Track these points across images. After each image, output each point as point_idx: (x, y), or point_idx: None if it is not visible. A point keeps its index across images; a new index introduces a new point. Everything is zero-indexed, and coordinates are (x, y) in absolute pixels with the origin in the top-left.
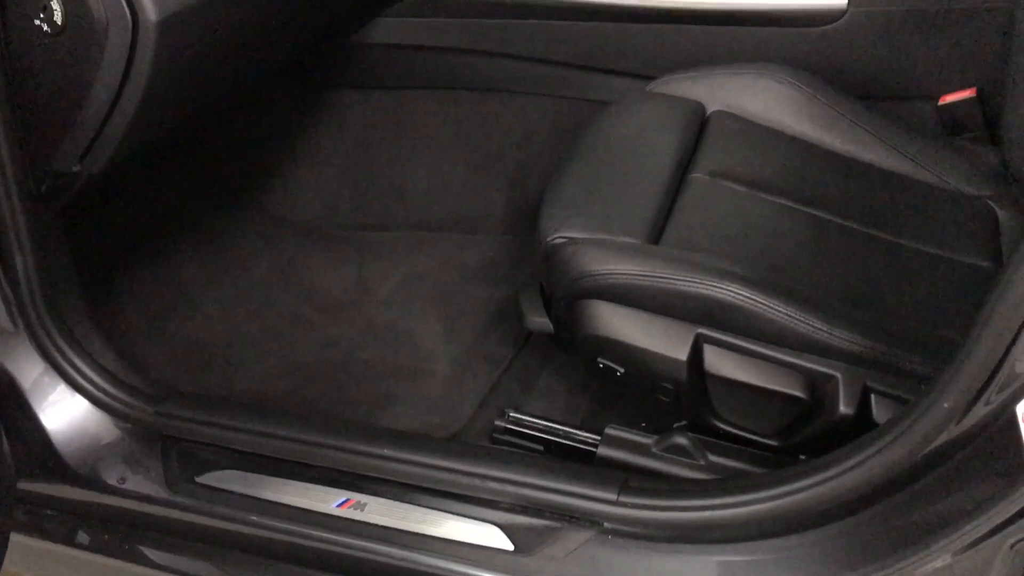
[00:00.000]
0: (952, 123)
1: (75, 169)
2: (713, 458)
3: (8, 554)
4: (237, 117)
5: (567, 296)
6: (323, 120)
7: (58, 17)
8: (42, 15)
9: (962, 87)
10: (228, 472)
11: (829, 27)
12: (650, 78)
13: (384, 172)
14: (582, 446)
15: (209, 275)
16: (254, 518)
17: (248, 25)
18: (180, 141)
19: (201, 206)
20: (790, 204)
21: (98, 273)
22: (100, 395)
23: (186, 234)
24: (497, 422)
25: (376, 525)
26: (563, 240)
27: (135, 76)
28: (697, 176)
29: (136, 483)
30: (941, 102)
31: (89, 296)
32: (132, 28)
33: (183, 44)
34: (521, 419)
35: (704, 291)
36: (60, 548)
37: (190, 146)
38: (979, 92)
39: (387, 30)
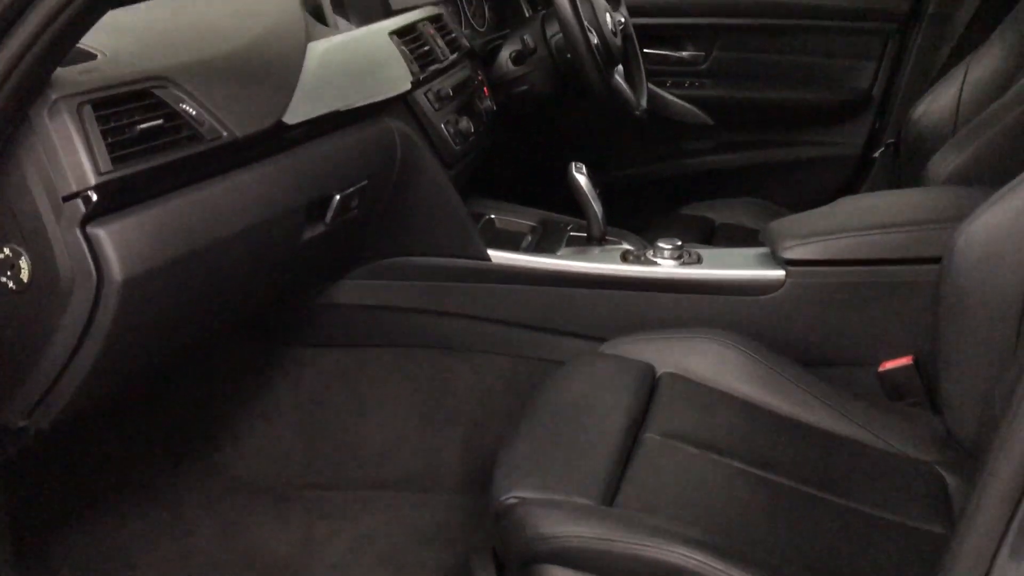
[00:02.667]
0: (893, 389)
1: (21, 424)
2: None
3: None
4: (191, 372)
5: (520, 560)
6: (278, 377)
7: (25, 275)
8: (9, 273)
9: (900, 354)
10: None
11: (769, 296)
12: (601, 340)
13: (337, 429)
14: None
15: (150, 536)
16: None
17: (210, 287)
18: (130, 395)
19: (148, 462)
20: (743, 467)
21: (32, 530)
22: None
23: (129, 490)
24: None
25: None
26: (515, 500)
27: (94, 333)
28: (650, 436)
29: None
30: (881, 369)
31: (19, 557)
32: (96, 286)
33: (145, 303)
34: None
35: (661, 556)
36: None
37: (140, 400)
38: (916, 360)
39: (346, 291)
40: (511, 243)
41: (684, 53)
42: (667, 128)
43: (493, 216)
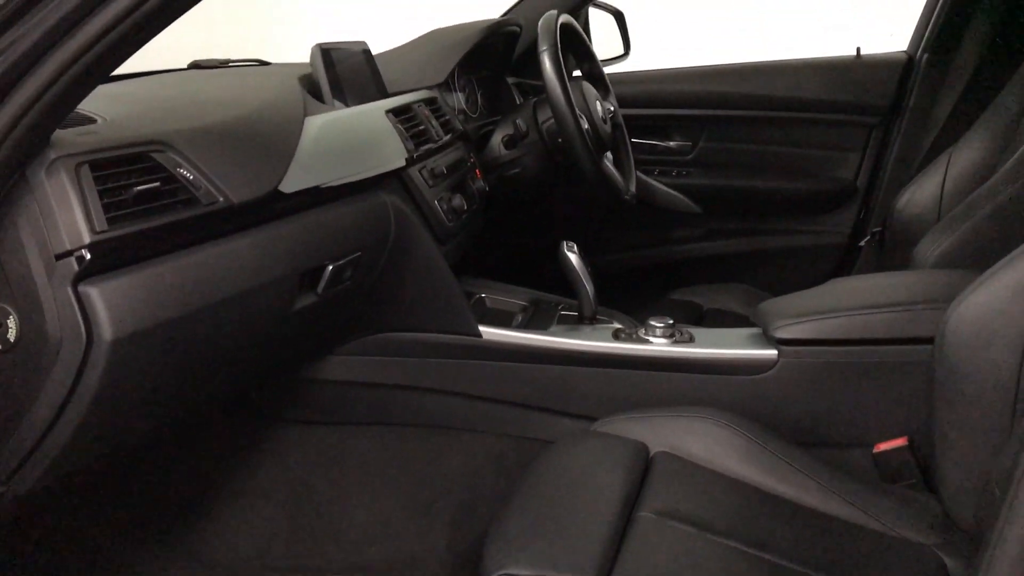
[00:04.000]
0: (888, 471)
1: None
2: None
3: None
4: (171, 448)
5: None
6: (262, 456)
7: (12, 334)
8: None
9: (895, 435)
10: None
11: (762, 376)
12: (593, 418)
13: (322, 510)
14: None
15: None
16: None
17: (200, 353)
18: (110, 468)
19: (123, 541)
20: (740, 548)
21: None
22: None
23: (103, 570)
24: None
25: None
26: None
27: (80, 395)
28: (645, 515)
29: None
30: (876, 450)
31: None
32: (85, 346)
33: (133, 366)
34: None
35: None
36: None
37: (118, 475)
38: (911, 441)
39: (333, 366)
40: (502, 322)
41: (672, 143)
42: (656, 215)
43: (484, 295)
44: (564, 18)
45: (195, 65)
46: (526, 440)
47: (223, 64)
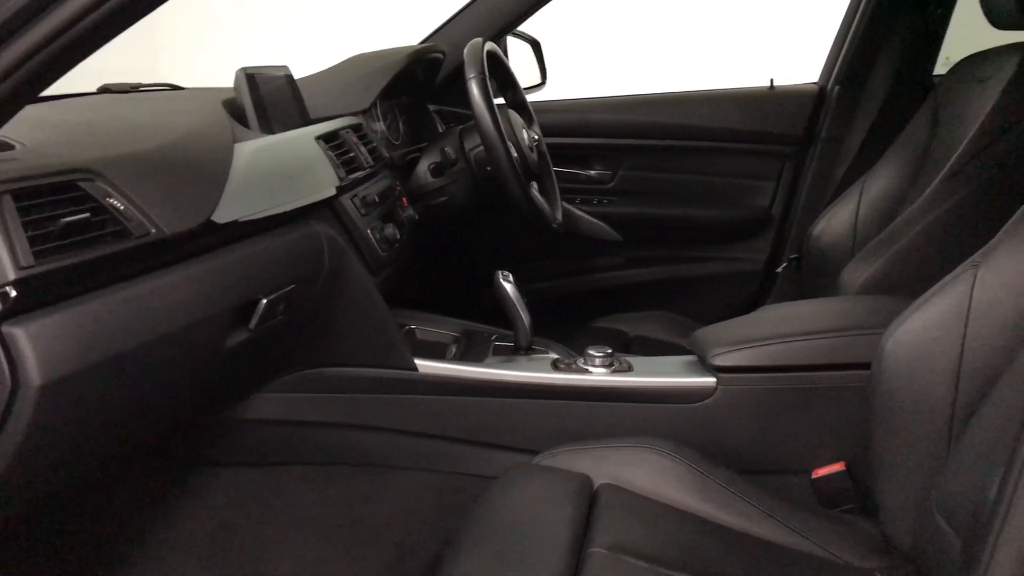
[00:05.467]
0: (827, 496)
1: None
2: None
3: None
4: (86, 494)
5: None
6: (182, 502)
7: None
8: None
9: (833, 460)
10: None
11: (701, 404)
12: (533, 452)
13: (247, 558)
14: None
15: None
16: None
17: (131, 396)
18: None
19: None
20: None
21: None
22: None
23: None
24: None
25: None
26: None
27: (3, 443)
28: (596, 551)
29: None
30: (814, 475)
31: None
32: (10, 392)
33: (62, 411)
34: None
35: None
36: None
37: (27, 526)
38: (848, 466)
39: (261, 405)
40: (434, 354)
41: (592, 172)
42: (577, 244)
43: (414, 327)
44: (489, 46)
45: (105, 89)
46: (464, 476)
47: (134, 88)
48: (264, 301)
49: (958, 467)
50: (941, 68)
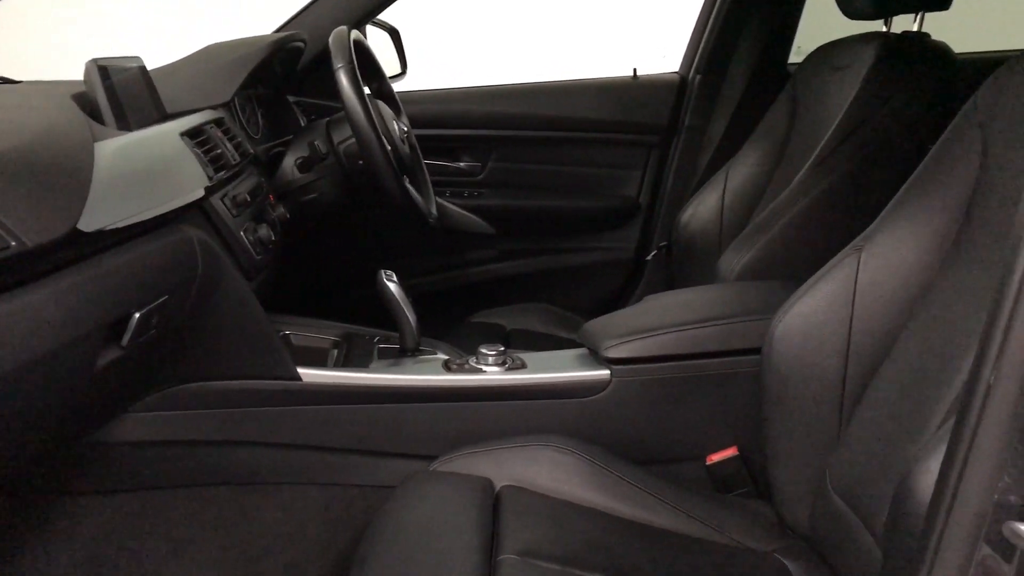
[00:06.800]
0: (721, 481)
1: None
2: None
3: None
4: None
5: None
6: (48, 535)
7: None
8: None
9: (726, 446)
10: None
11: (597, 397)
12: (430, 457)
13: None
14: None
15: None
16: None
17: None
18: None
19: None
20: None
21: None
22: None
23: None
24: None
25: None
26: None
27: None
28: (507, 558)
29: None
30: (709, 461)
31: None
32: None
33: None
34: None
35: None
36: None
37: None
38: (740, 450)
39: (130, 426)
40: (315, 361)
41: (461, 163)
42: (449, 238)
43: (289, 332)
44: (355, 34)
45: None
46: (355, 488)
47: None
48: (137, 315)
49: (851, 446)
50: (796, 57)
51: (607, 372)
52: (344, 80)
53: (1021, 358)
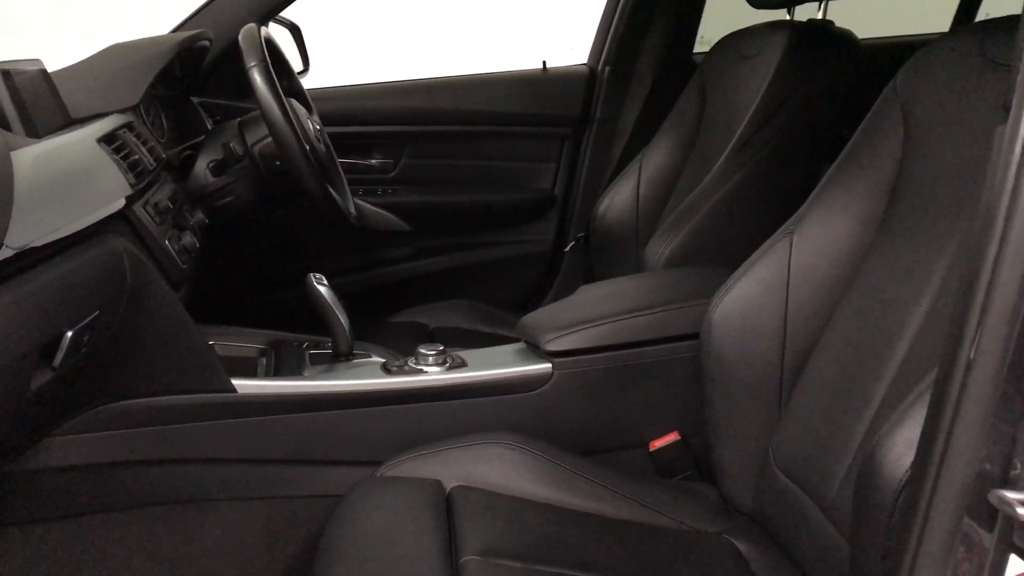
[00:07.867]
0: (665, 466)
1: None
2: None
3: None
4: None
5: None
6: None
7: None
8: None
9: (667, 432)
10: None
11: (539, 391)
12: (376, 463)
13: None
14: None
15: None
16: None
17: None
18: None
19: None
20: (571, 573)
21: None
22: None
23: None
24: None
25: None
26: None
27: None
28: (470, 559)
29: None
30: (652, 448)
31: None
32: None
33: None
34: None
35: None
36: None
37: None
38: (682, 434)
39: (55, 451)
40: (244, 371)
41: (373, 161)
42: (364, 237)
43: (213, 342)
44: (264, 31)
45: None
46: (298, 500)
47: None
48: (69, 333)
49: (793, 423)
50: (701, 47)
51: (548, 366)
52: (259, 79)
53: (1001, 333)
